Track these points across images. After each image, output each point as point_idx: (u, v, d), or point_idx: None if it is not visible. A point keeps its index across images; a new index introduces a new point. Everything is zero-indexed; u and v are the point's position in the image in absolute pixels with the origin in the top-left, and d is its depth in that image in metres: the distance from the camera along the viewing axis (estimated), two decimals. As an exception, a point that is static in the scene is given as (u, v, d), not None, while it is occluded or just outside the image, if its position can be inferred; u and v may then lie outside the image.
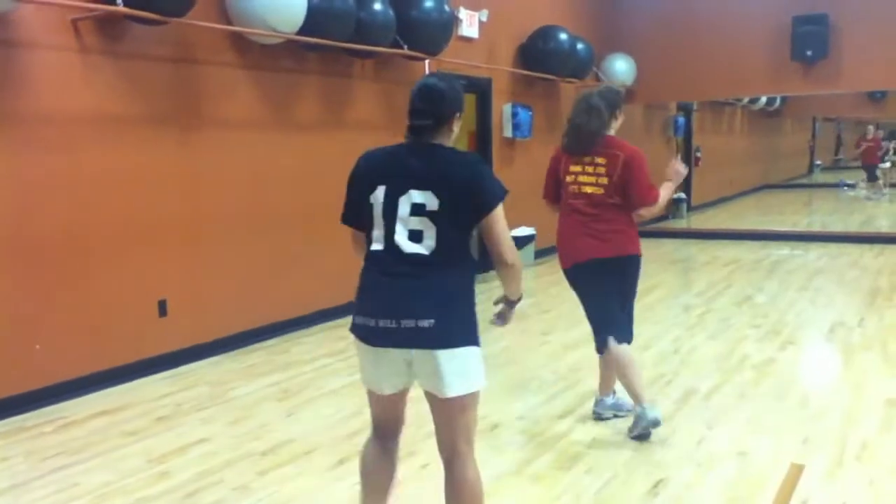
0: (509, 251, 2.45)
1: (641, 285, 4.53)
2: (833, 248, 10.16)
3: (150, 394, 4.73)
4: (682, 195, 14.05)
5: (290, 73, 6.14)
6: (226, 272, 5.64)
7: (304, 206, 6.16)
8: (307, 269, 6.21)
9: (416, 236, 2.40)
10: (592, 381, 4.75)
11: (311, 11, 5.62)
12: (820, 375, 5.13)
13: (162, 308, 5.22)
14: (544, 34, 9.08)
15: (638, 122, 12.71)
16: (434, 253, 2.40)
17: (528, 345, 5.67)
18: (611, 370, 3.99)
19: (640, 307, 6.81)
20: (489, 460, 3.63)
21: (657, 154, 13.56)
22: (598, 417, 4.10)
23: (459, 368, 2.42)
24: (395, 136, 2.78)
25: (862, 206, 16.10)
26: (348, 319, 2.56)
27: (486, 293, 3.64)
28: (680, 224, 13.38)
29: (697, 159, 14.82)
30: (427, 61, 7.26)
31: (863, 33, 9.72)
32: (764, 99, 15.37)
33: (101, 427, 4.19)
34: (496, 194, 2.43)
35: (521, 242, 8.94)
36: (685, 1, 10.84)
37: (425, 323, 2.35)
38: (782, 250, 10.18)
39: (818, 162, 24.55)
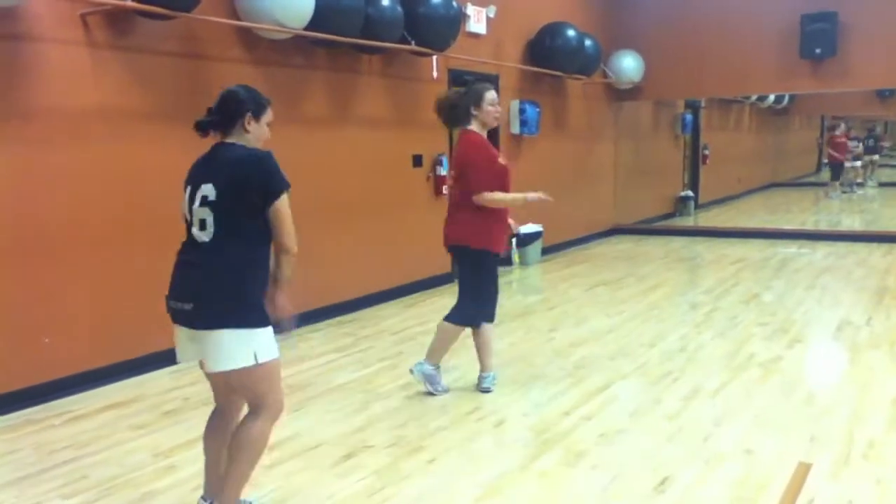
0: (289, 238, 2.76)
1: (648, 282, 4.51)
2: (841, 246, 10.12)
3: (158, 388, 4.75)
4: (690, 193, 14.03)
5: (298, 68, 6.14)
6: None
7: (312, 200, 6.16)
8: (314, 264, 6.21)
9: (202, 225, 2.72)
10: (598, 377, 4.77)
11: (319, 7, 5.62)
12: (827, 374, 5.12)
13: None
14: (552, 31, 9.07)
15: (646, 119, 12.70)
16: (213, 239, 2.69)
17: (534, 341, 5.67)
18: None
19: (646, 305, 6.87)
20: (495, 457, 3.64)
21: (665, 151, 13.57)
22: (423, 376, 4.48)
23: (217, 347, 2.66)
24: (402, 131, 2.85)
25: (870, 204, 16.04)
26: (355, 315, 2.59)
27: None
28: (687, 222, 13.36)
29: (705, 157, 14.78)
30: (435, 57, 7.26)
31: (872, 31, 9.67)
32: (772, 97, 15.31)
33: (109, 420, 4.22)
34: (279, 184, 2.72)
35: (528, 239, 8.95)
36: (694, -2, 10.82)
37: (187, 306, 2.68)
38: (790, 249, 10.15)
39: (826, 160, 24.45)
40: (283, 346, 2.86)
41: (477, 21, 8.14)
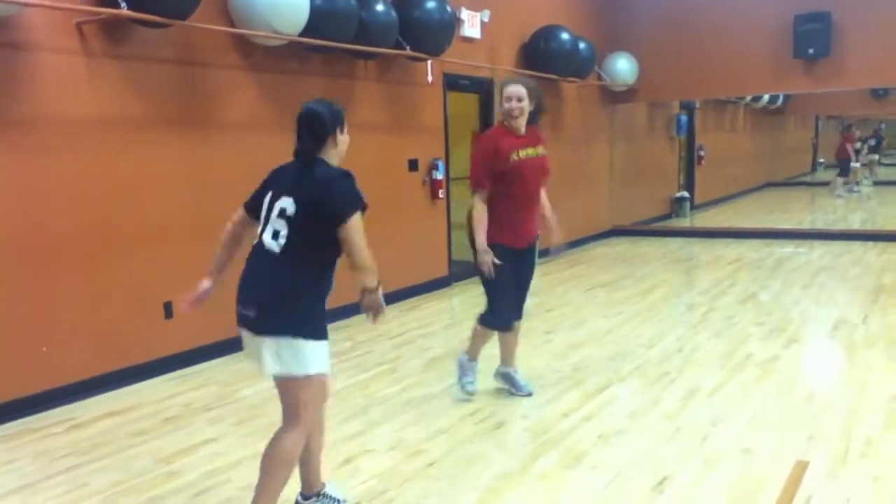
0: (358, 257, 2.79)
1: (645, 283, 4.57)
2: (836, 245, 10.16)
3: (158, 394, 4.77)
4: (686, 194, 14.07)
5: (294, 74, 6.16)
6: (232, 273, 5.63)
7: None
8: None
9: (275, 235, 2.81)
10: (597, 378, 4.79)
11: (314, 13, 5.65)
12: (824, 373, 5.14)
13: (168, 310, 5.25)
14: (546, 34, 9.10)
15: (641, 120, 12.73)
16: (282, 253, 2.79)
17: (532, 343, 5.69)
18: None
19: (644, 306, 6.89)
20: (494, 459, 3.66)
21: (661, 152, 13.61)
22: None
23: (273, 353, 2.77)
24: (398, 136, 2.89)
25: (865, 204, 16.09)
26: (351, 321, 2.62)
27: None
28: (683, 223, 13.39)
29: (700, 158, 14.82)
30: (429, 62, 7.29)
31: (865, 31, 9.72)
32: (766, 97, 15.36)
33: (110, 428, 4.23)
34: (347, 206, 2.76)
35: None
36: (687, 0, 10.85)
37: (251, 313, 2.82)
38: (786, 248, 10.18)
39: (821, 160, 24.52)
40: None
41: (471, 25, 8.16)
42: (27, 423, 4.32)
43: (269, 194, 2.91)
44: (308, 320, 2.80)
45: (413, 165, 7.48)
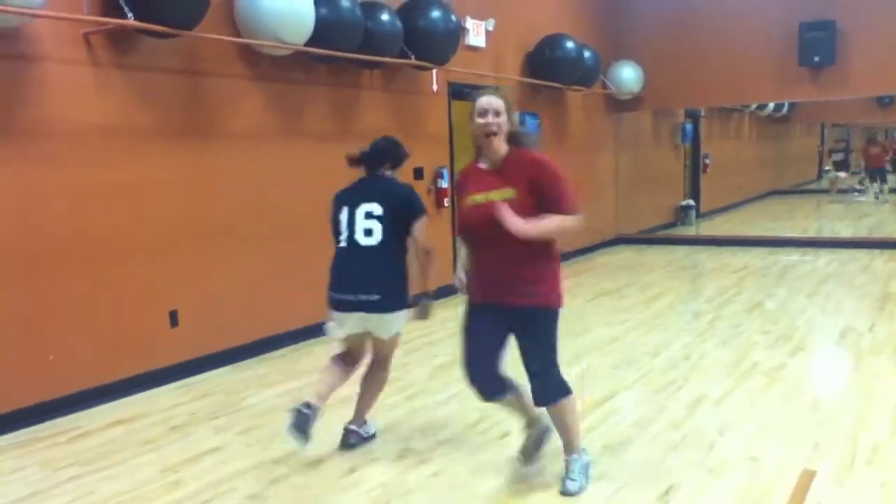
0: (426, 241, 3.81)
1: (651, 291, 4.54)
2: (843, 253, 10.13)
3: (163, 403, 4.77)
4: (691, 202, 14.05)
5: (299, 84, 6.19)
6: (237, 282, 5.68)
7: (315, 215, 6.15)
8: (318, 278, 6.22)
9: (368, 233, 3.71)
10: (601, 388, 4.78)
11: (320, 23, 5.68)
12: (830, 381, 5.12)
13: (173, 318, 5.26)
14: (551, 42, 9.13)
15: (646, 129, 12.73)
16: (380, 243, 3.69)
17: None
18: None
19: (649, 314, 6.88)
20: (500, 469, 3.64)
21: (666, 160, 13.60)
22: None
23: (390, 323, 3.76)
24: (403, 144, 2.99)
25: (872, 210, 16.04)
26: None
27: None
28: (689, 231, 13.36)
29: (706, 166, 14.81)
30: (434, 71, 7.31)
31: (870, 39, 9.71)
32: (772, 105, 15.34)
33: (116, 437, 4.23)
34: (422, 210, 3.80)
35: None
36: (693, 8, 10.86)
37: (374, 297, 3.66)
38: (792, 256, 10.16)
39: (827, 168, 24.48)
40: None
41: (476, 34, 8.19)
42: (34, 432, 4.33)
43: (346, 209, 3.76)
44: (405, 299, 3.77)
45: (418, 174, 7.49)
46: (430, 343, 6.06)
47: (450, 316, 7.18)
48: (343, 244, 3.75)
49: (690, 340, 5.89)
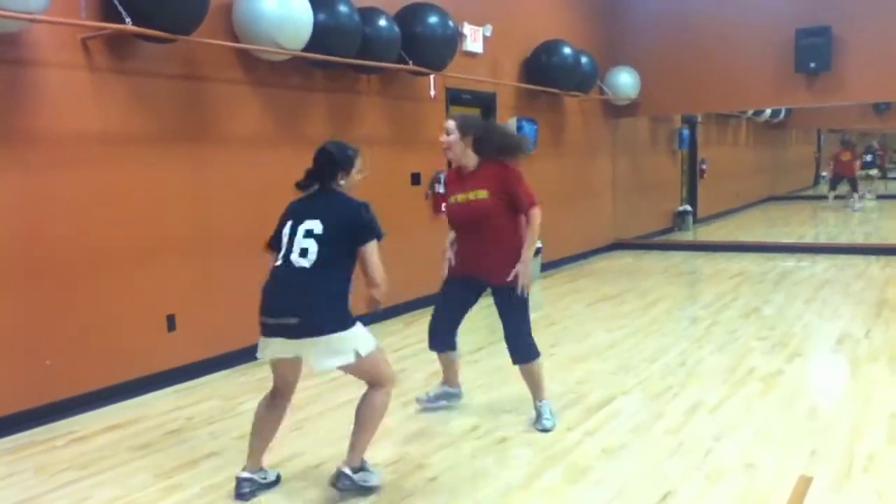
0: (376, 275, 3.35)
1: (649, 297, 4.55)
2: (839, 259, 10.15)
3: (160, 408, 4.76)
4: (688, 207, 14.08)
5: (297, 89, 6.19)
6: (234, 287, 5.67)
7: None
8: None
9: (303, 253, 3.27)
10: (600, 393, 4.78)
11: (318, 28, 5.68)
12: (827, 387, 5.13)
13: (171, 323, 5.26)
14: (548, 48, 9.14)
15: (643, 135, 12.76)
16: (313, 266, 3.24)
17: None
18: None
19: (647, 319, 6.88)
20: (497, 474, 3.65)
21: (663, 166, 13.63)
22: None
23: (323, 350, 3.24)
24: (400, 150, 3.05)
25: (867, 217, 16.09)
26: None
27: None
28: (686, 236, 13.39)
29: (702, 171, 14.84)
30: (432, 76, 7.32)
31: (866, 45, 9.75)
32: (768, 111, 15.39)
33: (112, 441, 4.22)
34: (371, 234, 3.32)
35: (527, 255, 8.96)
36: (689, 14, 10.89)
37: (292, 321, 3.21)
38: (788, 262, 10.17)
39: (824, 173, 24.50)
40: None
41: (473, 40, 8.21)
42: (30, 436, 4.31)
43: (290, 223, 3.37)
44: (337, 318, 3.25)
45: (415, 179, 7.50)
46: (426, 349, 6.04)
47: (447, 321, 7.21)
48: (278, 262, 3.34)
49: (687, 346, 5.90)
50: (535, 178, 9.60)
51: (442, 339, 4.45)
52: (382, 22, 6.36)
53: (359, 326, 3.31)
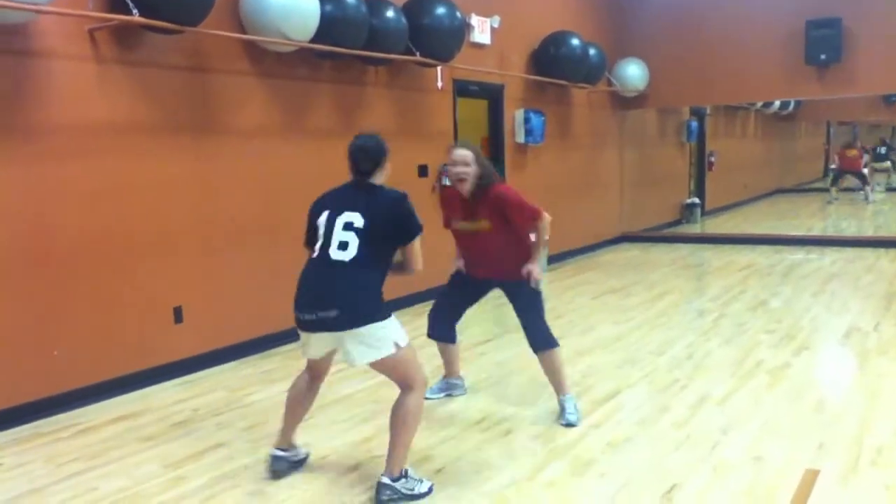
0: (417, 266, 3.38)
1: (655, 290, 4.53)
2: (848, 252, 10.10)
3: (166, 399, 4.77)
4: (696, 200, 14.03)
5: (304, 80, 6.18)
6: (241, 278, 5.68)
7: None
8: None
9: (343, 246, 3.22)
10: (605, 386, 4.77)
11: (325, 19, 5.67)
12: (835, 380, 5.10)
13: (178, 314, 5.27)
14: (556, 40, 9.10)
15: (651, 127, 12.71)
16: (352, 260, 3.19)
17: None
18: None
19: (654, 312, 6.86)
20: (503, 467, 3.64)
21: (671, 158, 13.58)
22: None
23: (363, 342, 3.19)
24: (408, 142, 3.06)
25: (877, 209, 16.00)
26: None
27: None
28: (694, 229, 13.34)
29: (711, 164, 14.78)
30: (439, 68, 7.29)
31: (876, 37, 9.67)
32: (778, 103, 15.31)
33: (118, 432, 4.24)
34: (417, 230, 3.31)
35: (534, 248, 8.95)
36: (698, 5, 10.83)
37: (332, 313, 3.15)
38: (797, 255, 10.13)
39: (833, 166, 24.36)
40: None
41: (481, 31, 8.18)
42: (37, 427, 4.33)
43: (326, 213, 3.31)
44: (378, 308, 3.23)
45: (423, 171, 7.49)
46: (433, 342, 6.05)
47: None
48: (314, 255, 3.29)
49: (695, 339, 5.88)
50: (542, 170, 9.63)
51: (442, 328, 4.54)
52: (390, 13, 6.33)
53: (395, 318, 3.29)
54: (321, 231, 3.29)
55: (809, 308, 6.87)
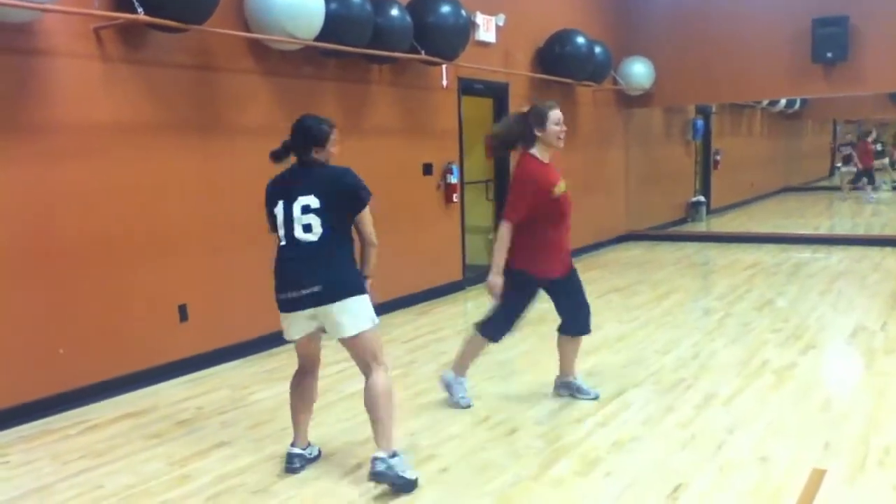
0: (372, 234, 3.49)
1: (661, 289, 4.52)
2: (855, 251, 10.06)
3: (172, 398, 4.78)
4: (702, 198, 14.00)
5: (309, 79, 6.18)
6: (246, 277, 5.68)
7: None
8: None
9: (307, 228, 3.36)
10: (611, 385, 4.76)
11: (329, 18, 5.67)
12: (841, 380, 5.09)
13: (183, 313, 5.27)
14: (561, 38, 9.08)
15: (657, 125, 12.69)
16: (320, 239, 3.35)
17: (546, 349, 5.64)
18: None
19: (659, 311, 6.84)
20: (507, 465, 3.64)
21: (677, 157, 13.55)
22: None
23: (348, 314, 3.36)
24: (412, 140, 3.12)
25: (884, 208, 15.94)
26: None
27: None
28: (699, 227, 13.31)
29: (716, 162, 14.74)
30: (444, 66, 7.29)
31: (884, 35, 9.63)
32: (784, 101, 15.25)
33: (124, 430, 4.25)
34: (367, 196, 3.46)
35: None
36: (704, 4, 10.80)
37: (316, 288, 3.32)
38: (803, 253, 10.10)
39: (839, 164, 24.26)
40: None
41: (486, 30, 8.16)
42: (44, 425, 4.35)
43: (281, 203, 3.41)
44: (358, 282, 3.43)
45: (427, 170, 7.49)
46: (437, 340, 6.06)
47: (457, 312, 7.20)
48: (283, 242, 3.43)
49: (700, 338, 5.86)
50: (547, 169, 9.53)
51: (501, 334, 4.49)
52: (394, 11, 6.33)
53: (367, 296, 3.46)
54: (280, 219, 3.41)
55: (816, 307, 6.85)
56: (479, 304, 7.39)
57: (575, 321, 4.49)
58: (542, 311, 4.57)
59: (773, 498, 3.23)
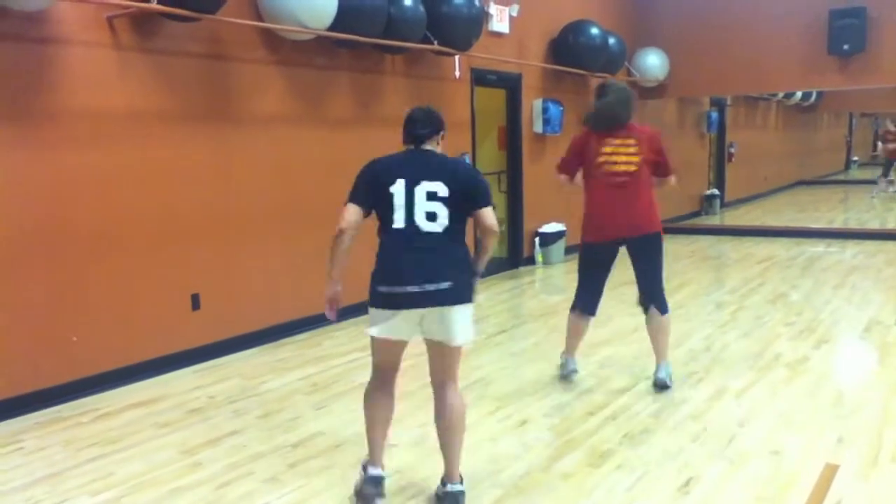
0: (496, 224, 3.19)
1: (674, 281, 4.49)
2: (870, 245, 9.98)
3: (184, 386, 4.80)
4: (716, 191, 13.91)
5: (322, 69, 6.17)
6: (258, 266, 5.69)
7: (336, 200, 6.15)
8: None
9: (431, 217, 3.02)
10: (622, 378, 4.74)
11: (342, 8, 5.65)
12: (855, 374, 5.05)
13: (195, 301, 5.29)
14: (575, 29, 9.03)
15: (671, 117, 12.60)
16: (445, 230, 3.03)
17: (557, 341, 5.63)
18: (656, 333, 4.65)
19: (672, 304, 6.74)
20: (519, 457, 3.64)
21: (691, 149, 13.46)
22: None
23: (462, 321, 3.07)
24: None
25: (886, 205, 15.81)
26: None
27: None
28: (713, 220, 13.24)
29: (731, 155, 14.64)
30: (457, 57, 7.26)
31: (902, 26, 9.53)
32: (799, 94, 15.13)
33: (136, 418, 4.27)
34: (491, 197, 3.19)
35: (551, 238, 8.92)
36: (719, -6, 10.71)
37: (444, 285, 2.98)
38: (817, 247, 10.02)
39: (855, 158, 24.11)
40: None
41: (500, 20, 8.13)
42: (57, 412, 4.38)
43: (402, 182, 3.03)
44: (473, 289, 3.15)
45: (440, 160, 7.46)
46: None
47: (470, 303, 7.19)
48: (399, 226, 3.01)
49: (713, 331, 5.83)
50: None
51: (595, 303, 4.73)
52: (408, 2, 6.30)
53: None
54: (399, 201, 3.01)
55: (829, 301, 6.80)
56: (490, 295, 7.37)
57: (640, 291, 4.72)
58: (551, 304, 4.55)
59: (784, 491, 3.21)
